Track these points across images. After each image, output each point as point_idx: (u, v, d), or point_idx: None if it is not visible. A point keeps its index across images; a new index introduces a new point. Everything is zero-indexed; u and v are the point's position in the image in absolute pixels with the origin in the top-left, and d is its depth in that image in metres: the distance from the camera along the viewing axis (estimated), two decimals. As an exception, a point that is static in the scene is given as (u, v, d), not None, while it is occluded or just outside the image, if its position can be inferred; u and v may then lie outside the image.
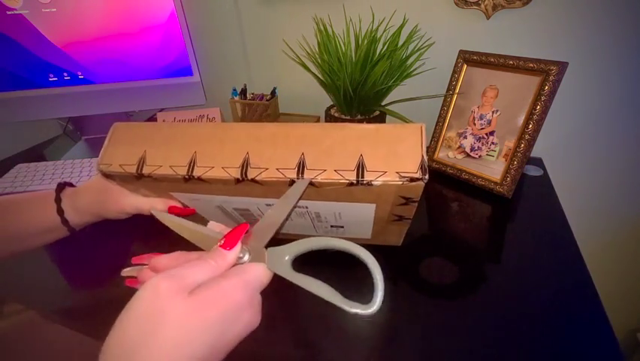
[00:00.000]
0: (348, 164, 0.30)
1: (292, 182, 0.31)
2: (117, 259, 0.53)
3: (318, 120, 0.78)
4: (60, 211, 0.41)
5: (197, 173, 0.32)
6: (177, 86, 0.79)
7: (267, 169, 0.31)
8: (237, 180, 0.32)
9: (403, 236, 0.46)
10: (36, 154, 0.87)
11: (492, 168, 0.60)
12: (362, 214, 0.38)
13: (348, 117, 0.66)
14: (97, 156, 0.77)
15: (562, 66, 0.52)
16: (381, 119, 0.67)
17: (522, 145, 0.56)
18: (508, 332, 0.38)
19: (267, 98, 0.80)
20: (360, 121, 0.64)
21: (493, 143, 0.60)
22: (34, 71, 0.75)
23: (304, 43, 0.76)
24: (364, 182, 0.30)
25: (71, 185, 0.45)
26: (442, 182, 0.65)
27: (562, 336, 0.38)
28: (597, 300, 0.41)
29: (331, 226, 0.43)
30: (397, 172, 0.29)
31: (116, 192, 0.40)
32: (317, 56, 0.65)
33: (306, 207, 0.37)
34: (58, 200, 0.41)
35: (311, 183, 0.31)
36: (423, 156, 0.29)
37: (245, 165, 0.31)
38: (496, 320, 0.40)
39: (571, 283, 0.43)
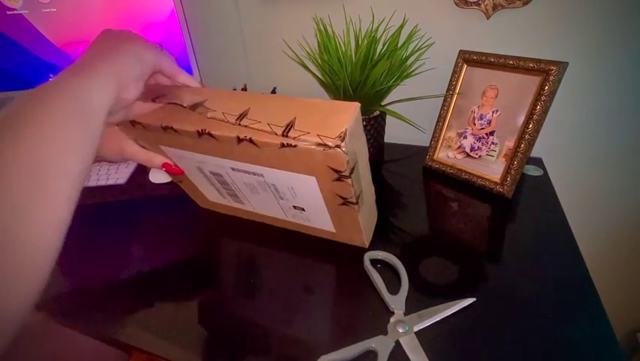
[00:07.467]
0: (281, 121, 0.34)
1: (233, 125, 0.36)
2: (117, 258, 0.53)
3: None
4: None
5: (167, 123, 0.38)
6: (177, 86, 0.79)
7: (215, 111, 0.36)
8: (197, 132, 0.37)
9: (366, 234, 0.48)
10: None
11: (492, 168, 0.60)
12: (310, 190, 0.41)
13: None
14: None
15: (562, 66, 0.52)
16: (381, 118, 0.67)
17: (522, 145, 0.56)
18: (508, 333, 0.39)
19: (267, 98, 0.80)
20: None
21: (493, 143, 0.60)
22: (34, 71, 0.75)
23: (304, 43, 0.76)
24: (290, 137, 0.33)
25: None
26: (442, 182, 0.65)
27: (562, 336, 0.38)
28: (597, 300, 0.41)
29: (294, 207, 0.47)
30: (318, 134, 0.32)
31: (119, 133, 0.44)
32: (317, 56, 0.65)
33: (263, 175, 0.42)
34: None
35: (250, 141, 0.35)
36: (346, 129, 0.32)
37: (197, 106, 0.37)
38: (495, 320, 0.40)
39: (571, 284, 0.43)
